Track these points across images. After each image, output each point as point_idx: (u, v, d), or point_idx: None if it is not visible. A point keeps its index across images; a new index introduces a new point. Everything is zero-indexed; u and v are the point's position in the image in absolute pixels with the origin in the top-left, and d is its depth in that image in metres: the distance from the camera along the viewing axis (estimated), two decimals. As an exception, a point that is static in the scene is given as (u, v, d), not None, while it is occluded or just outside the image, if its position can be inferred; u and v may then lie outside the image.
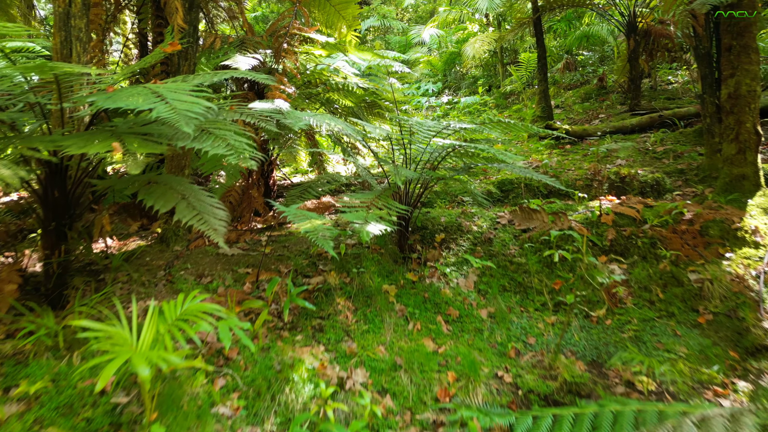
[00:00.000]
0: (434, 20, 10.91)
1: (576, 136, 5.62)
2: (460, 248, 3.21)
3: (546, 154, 5.30)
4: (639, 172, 4.36)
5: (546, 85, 6.37)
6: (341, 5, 5.12)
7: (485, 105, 9.22)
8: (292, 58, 4.06)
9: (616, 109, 6.92)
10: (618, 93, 7.96)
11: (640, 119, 5.58)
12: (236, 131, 2.08)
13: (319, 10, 5.17)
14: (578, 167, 4.72)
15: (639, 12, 6.35)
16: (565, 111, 7.65)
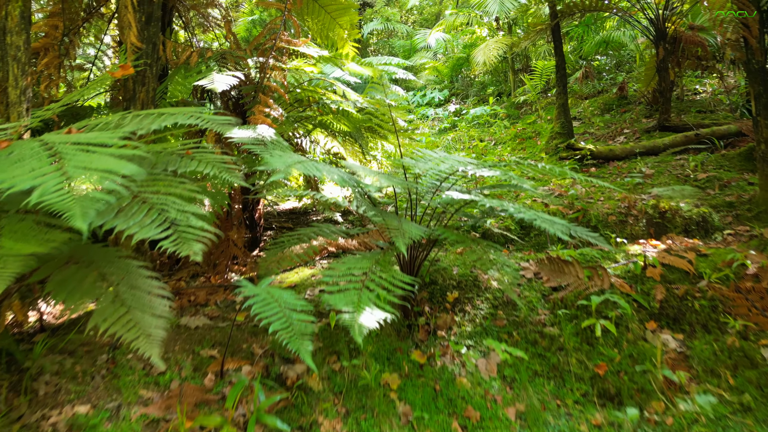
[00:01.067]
0: (440, 24, 10.38)
1: (601, 157, 5.06)
2: (478, 312, 2.66)
3: (569, 179, 4.75)
4: (681, 206, 3.80)
5: (566, 98, 5.82)
6: (337, 12, 4.59)
7: (495, 116, 8.67)
8: (279, 76, 3.53)
9: (642, 123, 6.36)
10: (642, 104, 7.40)
11: (674, 138, 5.01)
12: (185, 193, 1.54)
13: (313, 18, 4.65)
14: (608, 196, 4.16)
15: (669, 17, 5.79)
16: (584, 124, 7.09)
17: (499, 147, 7.18)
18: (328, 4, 4.56)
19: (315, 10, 4.62)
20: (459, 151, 7.00)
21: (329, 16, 4.61)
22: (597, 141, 6.11)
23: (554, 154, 5.68)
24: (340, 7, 4.58)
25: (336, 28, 4.70)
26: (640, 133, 5.91)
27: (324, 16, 4.62)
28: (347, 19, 4.67)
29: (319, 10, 4.61)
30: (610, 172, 4.78)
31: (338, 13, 4.62)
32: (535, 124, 7.66)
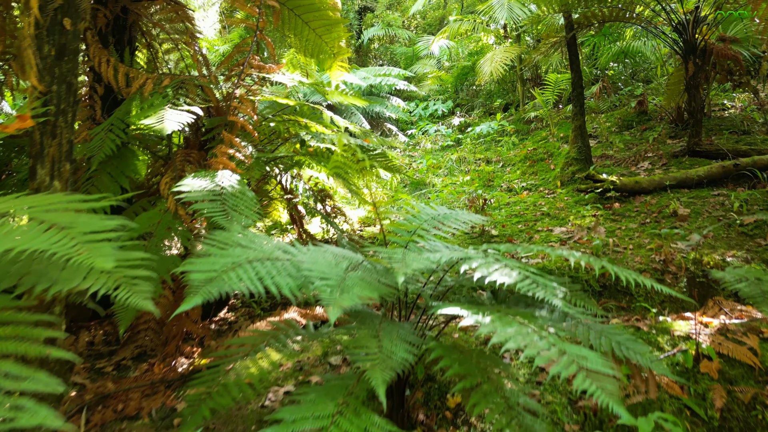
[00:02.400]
0: (444, 31, 9.82)
1: (626, 190, 4.48)
2: (487, 427, 2.09)
3: (589, 217, 4.17)
4: (727, 260, 3.22)
5: (583, 120, 5.24)
6: (323, 29, 4.05)
7: (503, 133, 8.10)
8: (248, 108, 2.99)
9: (667, 146, 5.77)
10: (664, 120, 6.81)
11: (709, 169, 4.43)
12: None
13: (296, 35, 4.11)
14: (637, 244, 3.59)
15: (699, 28, 5.21)
16: (602, 144, 6.50)
17: (507, 169, 6.60)
18: (313, 19, 4.01)
19: (298, 25, 4.08)
20: (463, 174, 6.44)
21: (314, 33, 4.06)
22: (618, 166, 5.53)
23: (570, 183, 5.10)
24: (325, 23, 4.03)
25: (322, 46, 4.15)
26: (666, 158, 5.33)
27: (308, 32, 4.07)
28: (334, 36, 4.12)
29: (302, 26, 4.06)
30: (637, 210, 4.20)
31: (324, 30, 4.07)
32: (547, 142, 7.08)
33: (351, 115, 8.36)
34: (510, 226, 4.38)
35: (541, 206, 4.74)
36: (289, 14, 4.01)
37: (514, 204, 4.98)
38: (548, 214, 4.48)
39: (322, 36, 4.07)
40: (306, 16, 3.99)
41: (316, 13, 3.98)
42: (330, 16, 4.02)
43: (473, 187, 5.75)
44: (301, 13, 3.98)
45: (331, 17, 4.03)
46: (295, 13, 3.99)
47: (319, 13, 3.99)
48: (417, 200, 5.65)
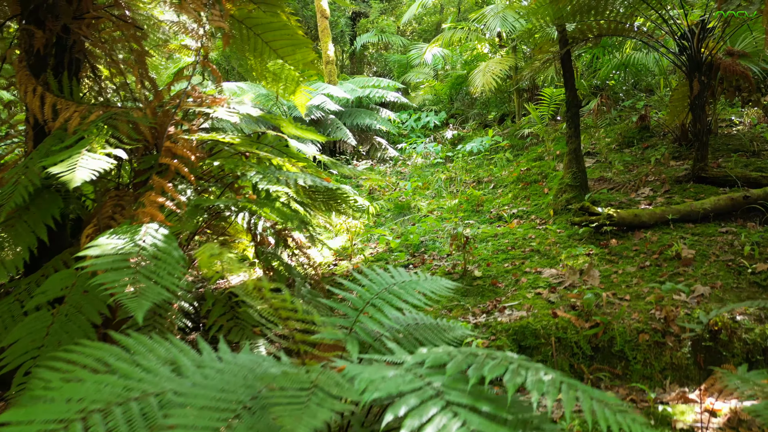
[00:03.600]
0: (437, 40, 9.47)
1: (624, 224, 4.10)
2: None
3: (582, 257, 3.79)
4: (738, 319, 2.83)
5: (578, 143, 4.86)
6: (286, 50, 3.68)
7: (497, 149, 7.72)
8: (183, 148, 2.62)
9: (671, 169, 5.39)
10: (668, 138, 6.42)
11: (716, 201, 4.04)
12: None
13: (255, 57, 3.74)
14: (636, 293, 3.20)
15: (705, 42, 4.82)
16: (600, 166, 6.12)
17: (499, 191, 6.22)
18: (273, 39, 3.65)
19: (258, 45, 3.72)
20: (451, 196, 6.06)
21: (275, 54, 3.69)
22: (616, 191, 5.15)
23: (564, 212, 4.72)
24: (288, 43, 3.66)
25: (285, 69, 3.78)
26: (669, 184, 4.94)
27: (269, 54, 3.71)
28: (299, 58, 3.75)
29: (262, 47, 3.70)
30: (636, 249, 3.81)
31: (287, 51, 3.70)
32: (542, 161, 6.69)
33: (336, 129, 8.00)
34: (495, 264, 4.00)
35: (531, 240, 4.36)
36: (247, 33, 3.65)
37: (502, 236, 4.60)
38: (538, 250, 4.09)
39: (284, 57, 3.71)
40: (267, 36, 3.63)
41: (278, 32, 3.62)
42: (294, 35, 3.66)
43: (458, 216, 5.37)
44: (261, 32, 3.62)
45: (296, 37, 3.67)
46: (254, 33, 3.63)
47: (281, 32, 3.63)
48: (397, 227, 5.28)
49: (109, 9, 3.29)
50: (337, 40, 12.98)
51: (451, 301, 3.51)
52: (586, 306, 2.97)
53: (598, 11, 4.74)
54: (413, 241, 4.61)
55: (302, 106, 3.94)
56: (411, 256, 4.50)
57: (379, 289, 2.10)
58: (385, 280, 2.17)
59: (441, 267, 4.09)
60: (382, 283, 2.12)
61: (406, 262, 4.34)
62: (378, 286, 2.12)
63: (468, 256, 3.92)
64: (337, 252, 4.88)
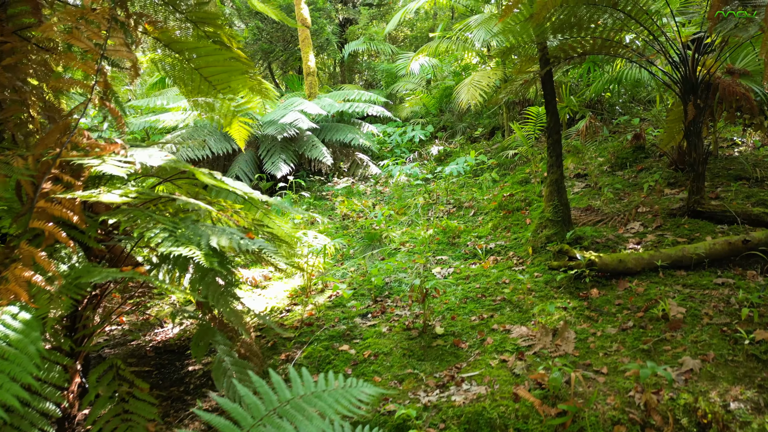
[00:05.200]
0: (423, 50, 9.05)
1: (608, 270, 3.66)
2: None
3: (558, 311, 3.34)
4: (732, 407, 2.39)
5: (560, 173, 4.42)
6: (219, 77, 3.26)
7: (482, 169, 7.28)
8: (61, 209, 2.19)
9: (665, 198, 4.94)
10: (663, 161, 5.98)
11: (712, 245, 3.59)
12: None
13: (185, 84, 3.32)
14: (613, 366, 2.76)
15: (701, 60, 4.38)
16: (589, 192, 5.67)
17: (480, 218, 5.78)
18: (205, 65, 3.22)
19: (187, 73, 3.30)
20: (426, 225, 5.62)
21: (207, 83, 3.27)
22: (604, 224, 4.70)
23: (543, 251, 4.28)
24: (221, 70, 3.24)
25: (221, 100, 3.36)
26: (662, 218, 4.49)
27: (200, 82, 3.29)
28: (234, 87, 3.33)
29: (191, 74, 3.28)
30: (620, 302, 3.37)
31: (220, 79, 3.28)
32: (527, 185, 6.26)
33: (312, 147, 7.58)
34: (461, 317, 3.56)
35: (504, 286, 3.92)
36: (174, 59, 3.23)
37: (474, 279, 4.16)
38: (510, 301, 3.65)
39: (217, 86, 3.28)
40: (197, 62, 3.21)
41: (210, 58, 3.20)
42: (228, 62, 3.24)
43: (431, 251, 4.93)
44: (189, 58, 3.20)
45: (230, 64, 3.24)
46: (181, 59, 3.21)
47: (213, 58, 3.21)
48: (363, 263, 4.84)
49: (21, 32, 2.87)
50: (323, 48, 12.57)
51: (404, 368, 3.07)
52: (553, 388, 2.53)
53: (581, 28, 4.31)
54: (377, 283, 4.17)
55: (241, 140, 3.51)
56: (373, 301, 4.07)
57: (265, 411, 1.66)
58: (281, 394, 1.73)
59: (402, 318, 3.66)
60: (272, 401, 1.68)
61: (364, 310, 3.90)
62: (266, 405, 1.68)
63: (429, 311, 3.48)
64: (294, 293, 4.45)
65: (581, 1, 4.00)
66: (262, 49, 11.99)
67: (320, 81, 14.25)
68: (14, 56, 2.68)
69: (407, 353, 3.20)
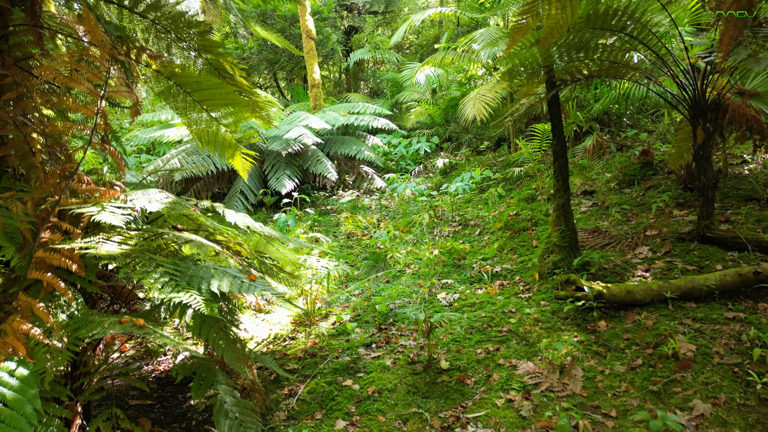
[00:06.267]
0: (429, 61, 9.00)
1: (615, 302, 3.60)
2: None
3: (566, 346, 3.29)
4: (745, 458, 2.32)
5: (567, 197, 4.37)
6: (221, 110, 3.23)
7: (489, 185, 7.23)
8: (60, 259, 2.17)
9: (674, 221, 4.87)
10: (672, 179, 5.90)
11: (723, 277, 3.53)
12: None
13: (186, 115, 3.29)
14: (622, 408, 2.71)
15: (710, 80, 4.31)
16: (596, 211, 5.61)
17: (485, 238, 5.73)
18: (207, 99, 3.20)
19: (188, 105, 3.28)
20: (431, 244, 5.57)
21: (209, 116, 3.26)
22: (611, 247, 4.64)
23: (550, 277, 4.22)
24: (222, 103, 3.22)
25: (219, 131, 3.34)
26: (671, 243, 4.42)
27: (200, 113, 3.27)
28: (238, 119, 3.31)
29: (192, 106, 3.26)
30: (628, 337, 3.31)
31: (222, 112, 3.26)
32: (534, 203, 6.20)
33: (317, 162, 7.55)
34: (467, 349, 3.52)
35: (510, 315, 3.87)
36: (176, 92, 3.21)
37: (480, 306, 4.12)
38: (516, 333, 3.60)
39: (219, 120, 3.26)
40: (199, 95, 3.19)
41: (212, 91, 3.17)
42: (230, 95, 3.21)
43: (436, 273, 4.88)
44: (191, 91, 3.18)
45: (231, 97, 3.22)
46: (183, 91, 3.19)
47: (215, 91, 3.18)
48: (368, 288, 4.80)
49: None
50: (329, 57, 12.56)
51: (408, 406, 3.02)
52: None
53: (588, 50, 4.26)
54: (381, 309, 4.13)
55: (243, 172, 3.48)
56: (377, 329, 4.03)
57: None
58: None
59: (406, 350, 3.62)
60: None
61: (368, 339, 3.86)
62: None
63: (434, 344, 3.44)
64: (297, 318, 4.42)
65: (588, 26, 3.95)
66: (267, 59, 11.99)
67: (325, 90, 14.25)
68: (16, 90, 2.67)
69: (412, 390, 3.16)
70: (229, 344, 2.59)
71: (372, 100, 12.19)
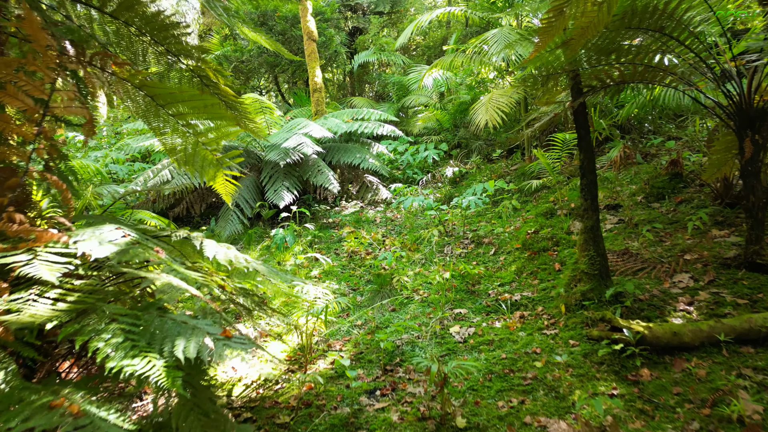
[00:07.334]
0: (437, 64, 8.55)
1: (659, 345, 3.12)
2: None
3: (604, 400, 2.81)
4: None
5: (596, 218, 3.89)
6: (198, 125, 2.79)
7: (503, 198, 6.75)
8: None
9: (714, 243, 4.38)
10: (706, 192, 5.41)
11: (785, 317, 3.04)
12: None
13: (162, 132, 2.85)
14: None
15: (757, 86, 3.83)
16: (623, 229, 5.12)
17: (501, 259, 5.25)
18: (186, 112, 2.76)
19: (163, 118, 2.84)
20: (442, 266, 5.10)
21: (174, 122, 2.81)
22: (645, 273, 4.15)
23: (579, 310, 3.75)
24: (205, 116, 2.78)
25: (199, 149, 2.90)
26: (714, 269, 3.94)
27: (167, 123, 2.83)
28: (218, 135, 2.87)
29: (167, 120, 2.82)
30: (678, 392, 2.83)
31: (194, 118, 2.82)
32: (553, 218, 5.72)
33: (318, 173, 7.10)
34: (486, 401, 3.05)
35: (535, 357, 3.40)
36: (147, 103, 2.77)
37: (499, 344, 3.65)
38: (544, 381, 3.13)
39: (198, 137, 2.81)
40: (173, 108, 2.75)
41: (188, 104, 2.73)
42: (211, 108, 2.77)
43: (447, 302, 4.41)
44: (164, 104, 2.74)
45: (216, 110, 2.77)
46: (155, 103, 2.75)
47: (192, 104, 2.74)
48: (371, 317, 4.34)
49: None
50: (332, 59, 12.13)
51: (418, 477, 2.56)
52: None
53: (620, 53, 3.79)
54: (387, 347, 3.67)
55: (227, 196, 3.04)
56: (381, 371, 3.56)
57: None
58: None
59: (416, 400, 3.15)
60: None
61: (372, 384, 3.40)
62: None
63: (448, 396, 2.97)
64: (292, 354, 3.97)
65: (623, 24, 3.48)
66: (267, 62, 11.57)
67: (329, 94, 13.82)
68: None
69: (422, 455, 2.69)
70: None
71: (377, 105, 11.74)
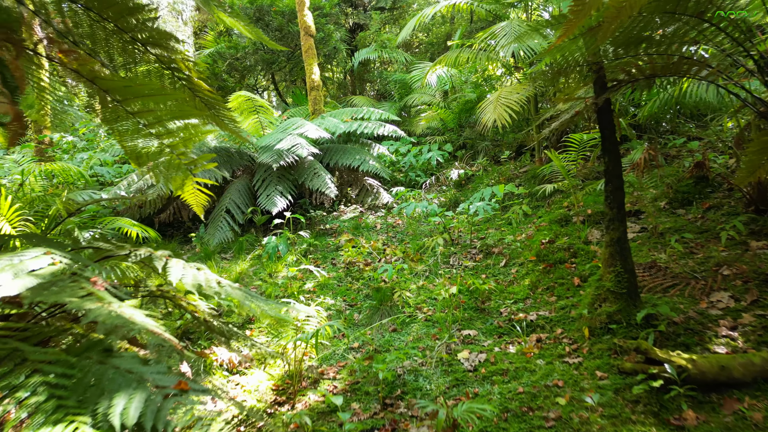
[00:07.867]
0: (441, 60, 8.12)
1: (705, 382, 2.68)
2: None
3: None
4: None
5: (623, 230, 3.46)
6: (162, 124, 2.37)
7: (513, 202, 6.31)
8: None
9: (755, 256, 3.94)
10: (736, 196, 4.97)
11: None
12: None
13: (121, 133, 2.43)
14: None
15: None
16: (648, 239, 4.68)
17: (513, 271, 4.82)
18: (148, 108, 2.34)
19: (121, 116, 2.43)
20: (447, 279, 4.67)
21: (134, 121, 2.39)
22: (678, 290, 3.71)
23: (604, 335, 3.31)
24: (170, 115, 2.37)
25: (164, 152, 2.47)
26: (756, 285, 3.50)
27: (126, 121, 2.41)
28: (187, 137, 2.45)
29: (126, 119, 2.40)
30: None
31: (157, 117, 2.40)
32: (568, 226, 5.29)
33: (314, 176, 6.68)
34: (502, 447, 2.61)
35: (557, 392, 2.96)
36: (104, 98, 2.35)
37: (514, 375, 3.21)
38: (569, 424, 2.69)
39: (161, 137, 2.39)
40: (133, 105, 2.33)
41: (150, 99, 2.31)
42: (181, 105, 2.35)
43: (455, 322, 3.98)
44: (122, 99, 2.32)
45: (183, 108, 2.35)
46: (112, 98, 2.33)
47: (156, 99, 2.32)
48: (369, 339, 3.91)
49: None
50: (332, 56, 11.71)
51: None
52: None
53: (651, 43, 3.36)
54: (387, 378, 3.24)
55: (198, 207, 2.62)
56: (380, 406, 3.14)
57: None
58: None
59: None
60: None
61: (369, 423, 2.97)
62: None
63: (457, 443, 2.54)
64: (280, 383, 3.54)
65: (658, 9, 3.05)
66: (263, 59, 11.15)
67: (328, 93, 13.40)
68: None
69: None
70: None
71: (378, 104, 11.31)
